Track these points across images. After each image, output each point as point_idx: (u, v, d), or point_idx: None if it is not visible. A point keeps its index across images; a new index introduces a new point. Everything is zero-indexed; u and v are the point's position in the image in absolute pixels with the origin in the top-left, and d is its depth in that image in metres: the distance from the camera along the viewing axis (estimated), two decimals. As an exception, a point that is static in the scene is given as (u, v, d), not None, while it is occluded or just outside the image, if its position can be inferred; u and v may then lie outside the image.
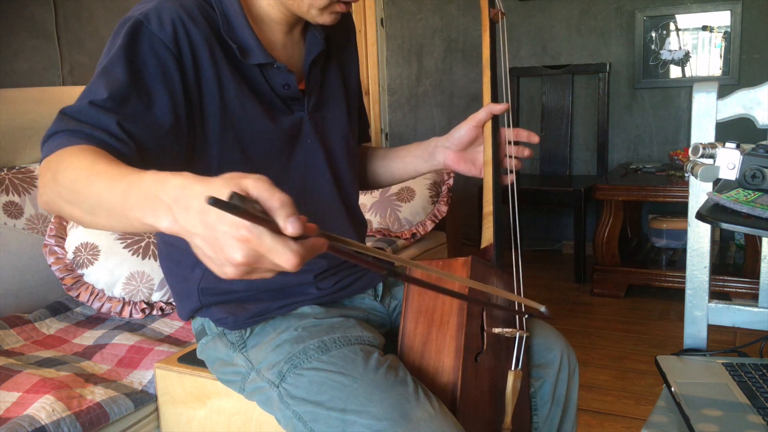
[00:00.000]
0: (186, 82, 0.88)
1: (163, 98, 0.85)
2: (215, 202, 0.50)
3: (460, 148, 1.11)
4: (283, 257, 0.55)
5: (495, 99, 1.09)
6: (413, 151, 1.18)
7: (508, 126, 1.10)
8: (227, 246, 0.55)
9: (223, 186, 0.56)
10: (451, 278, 0.90)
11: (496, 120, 1.08)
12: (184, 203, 0.58)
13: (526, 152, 1.10)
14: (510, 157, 1.10)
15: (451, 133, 1.11)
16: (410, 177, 1.22)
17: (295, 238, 0.55)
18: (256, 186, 0.56)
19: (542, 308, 0.80)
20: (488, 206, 1.05)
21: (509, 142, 1.09)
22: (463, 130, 1.09)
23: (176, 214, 0.59)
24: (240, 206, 0.52)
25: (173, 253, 1.05)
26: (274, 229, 0.55)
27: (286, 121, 1.00)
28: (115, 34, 0.87)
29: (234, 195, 0.53)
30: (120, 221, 0.68)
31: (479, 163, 1.12)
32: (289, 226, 0.55)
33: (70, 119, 0.80)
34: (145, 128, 0.83)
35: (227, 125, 0.93)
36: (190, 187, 0.58)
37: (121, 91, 0.82)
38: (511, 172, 1.10)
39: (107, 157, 0.74)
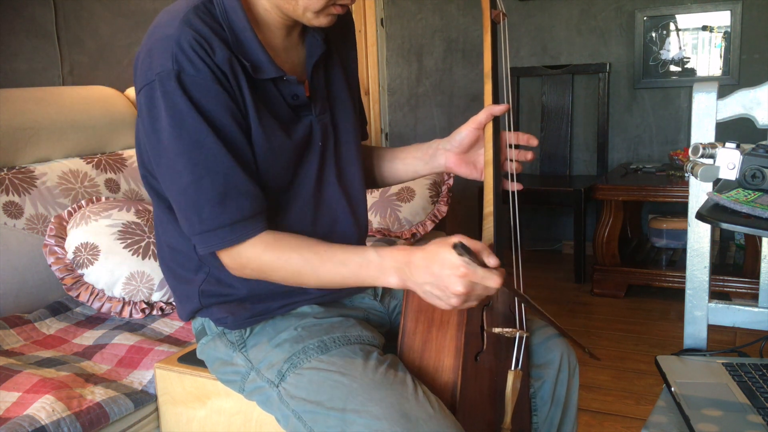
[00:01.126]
0: (236, 101, 0.91)
1: (242, 138, 0.92)
2: (463, 247, 0.81)
3: (461, 151, 1.11)
4: (492, 280, 0.82)
5: (496, 100, 1.09)
6: (413, 153, 1.18)
7: (509, 127, 1.10)
8: (451, 283, 0.81)
9: (446, 245, 0.83)
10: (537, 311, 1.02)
11: (496, 121, 1.08)
12: (413, 265, 0.85)
13: (529, 155, 1.10)
14: (511, 160, 1.10)
15: (452, 135, 1.11)
16: (410, 178, 1.22)
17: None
18: (462, 238, 0.83)
19: (586, 349, 1.09)
20: (488, 206, 1.05)
21: (510, 146, 1.09)
22: (464, 133, 1.09)
23: (406, 273, 0.86)
24: (463, 252, 0.81)
25: (178, 256, 1.05)
26: (481, 264, 0.83)
27: (298, 130, 0.99)
28: (164, 94, 0.87)
29: (458, 245, 0.81)
30: (347, 285, 0.93)
31: (480, 166, 1.11)
32: (491, 260, 0.84)
33: (224, 207, 0.90)
34: (255, 175, 0.94)
35: (249, 143, 0.94)
36: (414, 254, 0.85)
37: (228, 160, 0.89)
38: (512, 176, 1.09)
39: (301, 241, 0.93)
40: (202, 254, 0.96)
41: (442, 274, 0.81)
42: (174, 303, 1.59)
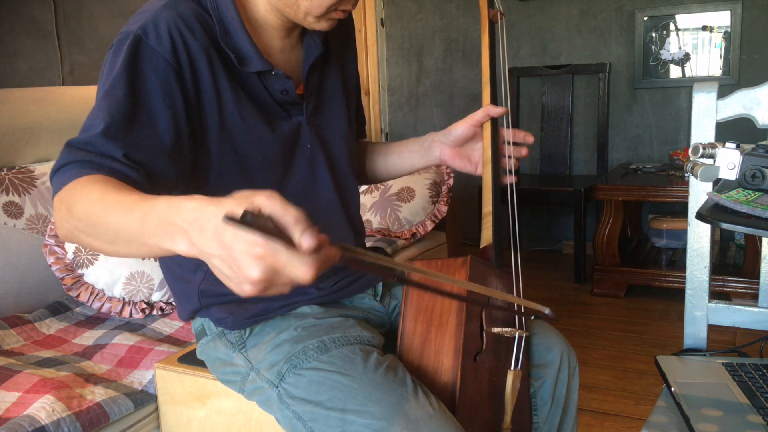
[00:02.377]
0: (186, 95, 0.88)
1: (165, 118, 0.85)
2: (230, 219, 0.53)
3: (457, 145, 1.12)
4: (300, 271, 0.56)
5: (494, 99, 1.09)
6: (410, 146, 1.19)
7: (506, 127, 1.10)
8: (244, 264, 0.56)
9: (236, 205, 0.57)
10: (453, 282, 0.90)
11: (495, 121, 1.08)
12: (199, 226, 0.60)
13: (524, 152, 1.11)
14: (509, 157, 1.10)
15: (449, 129, 1.12)
16: (407, 172, 1.22)
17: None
18: (268, 203, 0.56)
19: (546, 310, 0.80)
20: (487, 206, 1.05)
21: (507, 143, 1.09)
22: (460, 129, 1.10)
23: (192, 237, 0.60)
24: (254, 223, 0.54)
25: (175, 256, 1.05)
26: (289, 243, 0.56)
27: (284, 126, 0.99)
28: (115, 50, 0.86)
29: (247, 213, 0.55)
30: (139, 248, 0.70)
31: (475, 160, 1.12)
32: (304, 241, 0.56)
33: (78, 150, 0.80)
34: (151, 153, 0.83)
35: (225, 135, 0.93)
36: (204, 209, 0.60)
37: (125, 117, 0.82)
38: (511, 172, 1.10)
39: (118, 185, 0.75)
40: (53, 201, 0.81)
41: (234, 249, 0.56)
42: (174, 303, 1.59)
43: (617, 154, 3.51)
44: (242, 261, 0.56)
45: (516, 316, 1.07)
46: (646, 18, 3.32)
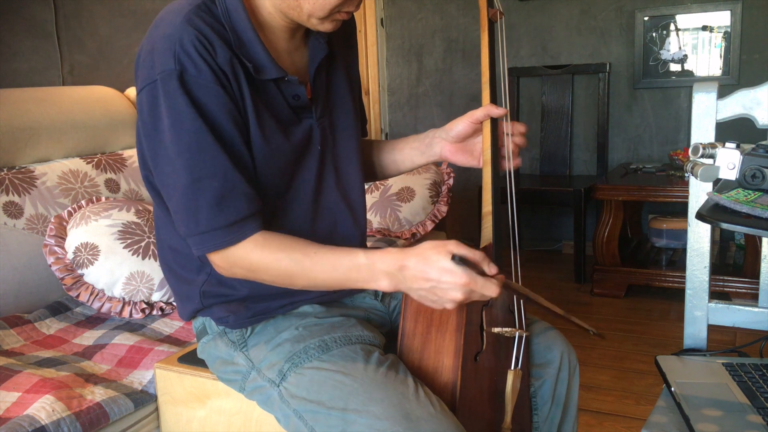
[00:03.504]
0: (237, 103, 0.91)
1: (240, 142, 0.91)
2: (460, 260, 0.81)
3: (457, 141, 1.12)
4: (491, 289, 0.83)
5: (494, 99, 1.09)
6: (410, 143, 1.19)
7: (507, 126, 1.10)
8: (450, 291, 0.82)
9: (444, 252, 0.82)
10: (545, 304, 0.99)
11: (495, 121, 1.08)
12: (407, 270, 0.84)
13: (518, 139, 1.11)
14: (506, 157, 1.10)
15: (449, 126, 1.11)
16: (408, 169, 1.22)
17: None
18: (458, 248, 0.83)
19: (591, 331, 1.04)
20: (487, 206, 1.05)
21: (506, 134, 1.09)
22: (460, 126, 1.10)
23: (400, 278, 0.85)
24: (467, 262, 0.82)
25: (179, 257, 1.05)
26: (481, 272, 0.84)
27: (297, 132, 0.99)
28: (166, 93, 0.87)
29: (455, 256, 0.82)
30: (338, 288, 0.92)
31: (476, 153, 1.12)
32: (492, 269, 0.85)
33: (221, 209, 0.89)
34: (253, 179, 0.94)
35: (247, 144, 0.93)
36: (408, 259, 0.84)
37: (230, 166, 0.89)
38: (509, 159, 1.10)
39: (292, 242, 0.91)
40: (198, 255, 0.95)
41: (441, 282, 0.82)
42: (174, 303, 1.59)
43: (617, 154, 3.51)
44: (449, 289, 0.82)
45: (516, 316, 1.07)
46: (646, 18, 3.32)
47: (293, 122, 0.99)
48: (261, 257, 0.90)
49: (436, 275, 0.82)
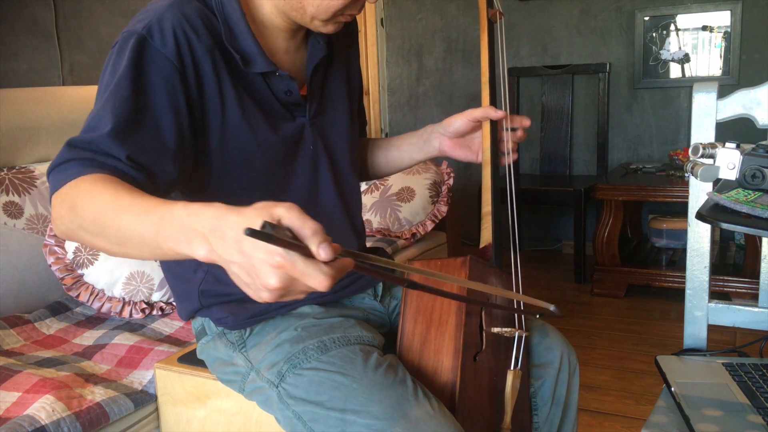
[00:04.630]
0: (190, 97, 0.88)
1: (169, 120, 0.85)
2: (252, 232, 0.54)
3: (456, 136, 1.13)
4: (316, 280, 0.58)
5: (494, 99, 1.09)
6: (409, 140, 1.19)
7: (506, 129, 1.11)
8: (263, 272, 0.58)
9: (256, 216, 0.59)
10: (457, 282, 0.90)
11: (494, 122, 1.08)
12: (220, 233, 0.61)
13: (519, 132, 1.11)
14: (506, 153, 1.10)
15: (447, 121, 1.12)
16: (407, 165, 1.23)
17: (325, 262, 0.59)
18: (287, 214, 0.59)
19: (551, 307, 0.82)
20: (487, 206, 1.05)
21: (505, 129, 1.09)
22: (458, 123, 1.10)
23: (213, 243, 0.62)
24: (274, 235, 0.55)
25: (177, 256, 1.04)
26: (306, 253, 0.58)
27: (287, 128, 0.99)
28: (119, 49, 0.86)
29: (266, 224, 0.57)
30: (152, 251, 0.70)
31: (475, 149, 1.12)
32: (322, 252, 0.58)
33: (80, 149, 0.79)
34: (154, 155, 0.83)
35: (228, 137, 0.93)
36: (225, 218, 0.61)
37: (129, 119, 0.82)
38: (508, 153, 1.10)
39: (127, 187, 0.74)
40: (52, 197, 0.80)
41: (253, 257, 0.59)
42: (174, 303, 1.59)
43: (617, 154, 3.51)
44: (261, 269, 0.58)
45: (516, 316, 1.07)
46: (646, 18, 3.32)
47: (284, 118, 0.99)
48: (87, 189, 0.74)
49: (249, 247, 0.59)
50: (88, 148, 0.79)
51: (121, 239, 0.72)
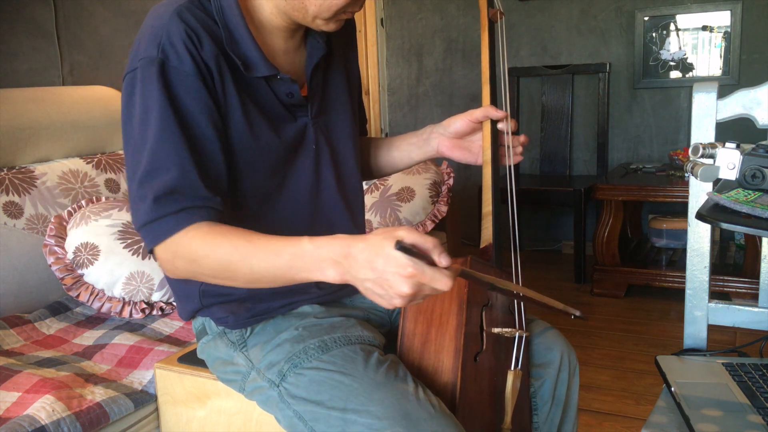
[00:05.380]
0: (217, 102, 0.90)
1: (214, 140, 0.89)
2: (401, 247, 0.71)
3: (456, 137, 1.13)
4: (441, 282, 0.73)
5: (494, 98, 1.09)
6: (408, 140, 1.19)
7: (507, 128, 1.10)
8: (396, 283, 0.72)
9: (383, 239, 0.73)
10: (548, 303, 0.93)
11: (495, 122, 1.08)
12: (352, 258, 0.75)
13: (522, 138, 1.10)
14: (507, 147, 1.10)
15: (447, 122, 1.12)
16: (406, 166, 1.23)
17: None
18: (409, 235, 0.74)
19: (577, 312, 0.94)
20: (487, 206, 1.05)
21: (506, 133, 1.09)
22: (458, 123, 1.10)
23: (346, 267, 0.76)
24: (413, 250, 0.72)
25: None
26: (430, 262, 0.74)
27: (290, 129, 0.99)
28: (144, 79, 0.86)
29: (399, 243, 0.72)
30: (284, 282, 0.83)
31: (474, 150, 1.12)
32: (443, 259, 0.74)
33: (167, 201, 0.85)
34: (220, 179, 0.90)
35: (232, 143, 0.93)
36: (354, 245, 0.75)
37: (191, 155, 0.86)
38: (508, 169, 1.10)
39: (236, 232, 0.84)
40: (149, 251, 0.89)
41: (386, 272, 0.72)
42: (174, 303, 1.59)
43: (617, 154, 3.51)
44: (394, 281, 0.72)
45: (516, 317, 1.07)
46: (646, 18, 3.32)
47: (286, 120, 0.99)
48: (201, 244, 0.84)
49: (381, 265, 0.73)
50: (174, 199, 0.85)
51: (253, 280, 0.84)
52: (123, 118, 0.91)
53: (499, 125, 1.09)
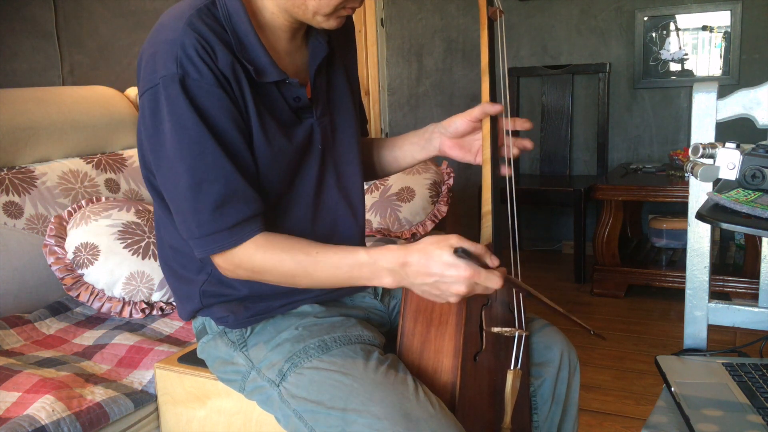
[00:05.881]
0: (238, 106, 0.91)
1: (244, 148, 0.92)
2: (463, 252, 0.82)
3: (455, 137, 1.13)
4: (495, 281, 0.83)
5: (493, 96, 1.09)
6: (410, 139, 1.20)
7: (506, 125, 1.11)
8: (454, 284, 0.82)
9: (436, 248, 0.83)
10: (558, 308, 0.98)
11: (494, 119, 1.08)
12: (409, 266, 0.84)
13: (529, 145, 1.10)
14: (508, 146, 1.10)
15: (447, 121, 1.12)
16: (408, 165, 1.23)
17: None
18: (461, 242, 0.83)
19: (592, 331, 1.02)
20: (487, 205, 1.05)
21: (506, 132, 1.09)
22: (458, 122, 1.11)
23: (402, 274, 0.85)
24: (469, 255, 0.82)
25: (179, 257, 1.05)
26: (484, 265, 0.84)
27: (299, 132, 1.00)
28: (168, 98, 0.87)
29: (457, 249, 0.82)
30: (341, 285, 0.92)
31: (474, 150, 1.13)
32: (494, 261, 0.86)
33: (223, 212, 0.89)
34: (256, 184, 0.94)
35: (253, 148, 0.94)
36: (410, 254, 0.84)
37: (231, 167, 0.89)
38: (510, 164, 1.10)
39: (296, 244, 0.91)
40: (200, 258, 0.96)
41: (444, 276, 0.82)
42: (174, 303, 1.59)
43: (617, 154, 3.51)
44: (452, 284, 0.82)
45: (516, 316, 1.07)
46: (646, 18, 3.32)
47: (294, 123, 0.99)
48: (264, 259, 0.91)
49: (439, 270, 0.82)
50: (232, 211, 0.89)
51: (315, 285, 0.94)
52: (149, 134, 0.91)
53: (506, 126, 1.09)
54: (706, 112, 1.10)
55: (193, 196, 0.88)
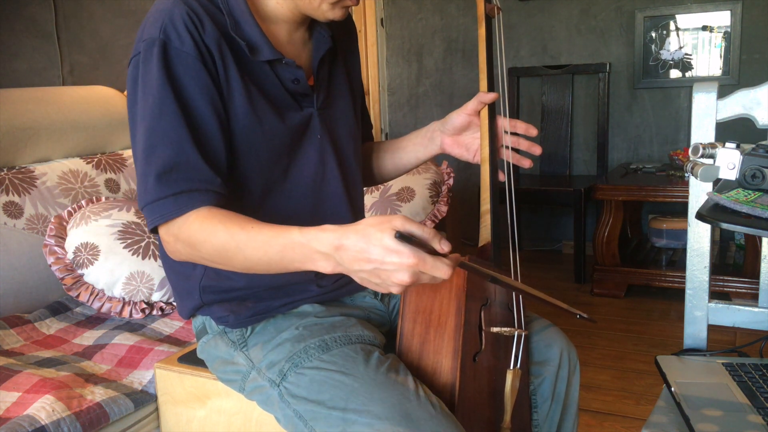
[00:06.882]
0: (218, 85, 0.91)
1: (214, 122, 0.90)
2: (401, 236, 0.70)
3: (455, 133, 1.13)
4: (442, 270, 0.72)
5: (490, 92, 1.09)
6: (413, 139, 1.20)
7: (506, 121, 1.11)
8: (395, 272, 0.72)
9: (377, 230, 0.72)
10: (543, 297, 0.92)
11: (493, 117, 1.08)
12: (344, 250, 0.74)
13: (537, 150, 1.11)
14: (507, 147, 1.10)
15: (446, 118, 1.13)
16: (413, 166, 1.24)
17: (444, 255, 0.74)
18: (406, 223, 0.72)
19: (585, 315, 0.93)
20: (485, 205, 1.05)
21: (505, 132, 1.09)
22: (455, 117, 1.12)
23: (338, 259, 0.75)
24: (412, 239, 0.71)
25: None
26: (430, 251, 0.72)
27: (295, 117, 1.00)
28: (144, 60, 0.88)
29: (398, 233, 0.71)
30: (279, 270, 0.83)
31: (473, 148, 1.13)
32: (444, 246, 0.74)
33: (170, 182, 0.86)
34: (220, 161, 0.91)
35: (234, 126, 0.94)
36: (346, 237, 0.74)
37: (190, 135, 0.87)
38: (507, 164, 1.10)
39: (234, 219, 0.85)
40: (151, 231, 0.91)
41: (384, 263, 0.72)
42: (174, 302, 1.59)
43: (617, 154, 3.51)
44: (393, 271, 0.72)
45: (515, 316, 1.07)
46: (646, 18, 3.32)
47: (291, 107, 1.00)
48: (199, 229, 0.85)
49: (379, 255, 0.71)
50: (177, 178, 0.86)
51: (248, 266, 0.85)
52: (128, 102, 0.93)
53: (504, 125, 1.09)
54: (706, 112, 1.10)
55: (145, 159, 0.87)
